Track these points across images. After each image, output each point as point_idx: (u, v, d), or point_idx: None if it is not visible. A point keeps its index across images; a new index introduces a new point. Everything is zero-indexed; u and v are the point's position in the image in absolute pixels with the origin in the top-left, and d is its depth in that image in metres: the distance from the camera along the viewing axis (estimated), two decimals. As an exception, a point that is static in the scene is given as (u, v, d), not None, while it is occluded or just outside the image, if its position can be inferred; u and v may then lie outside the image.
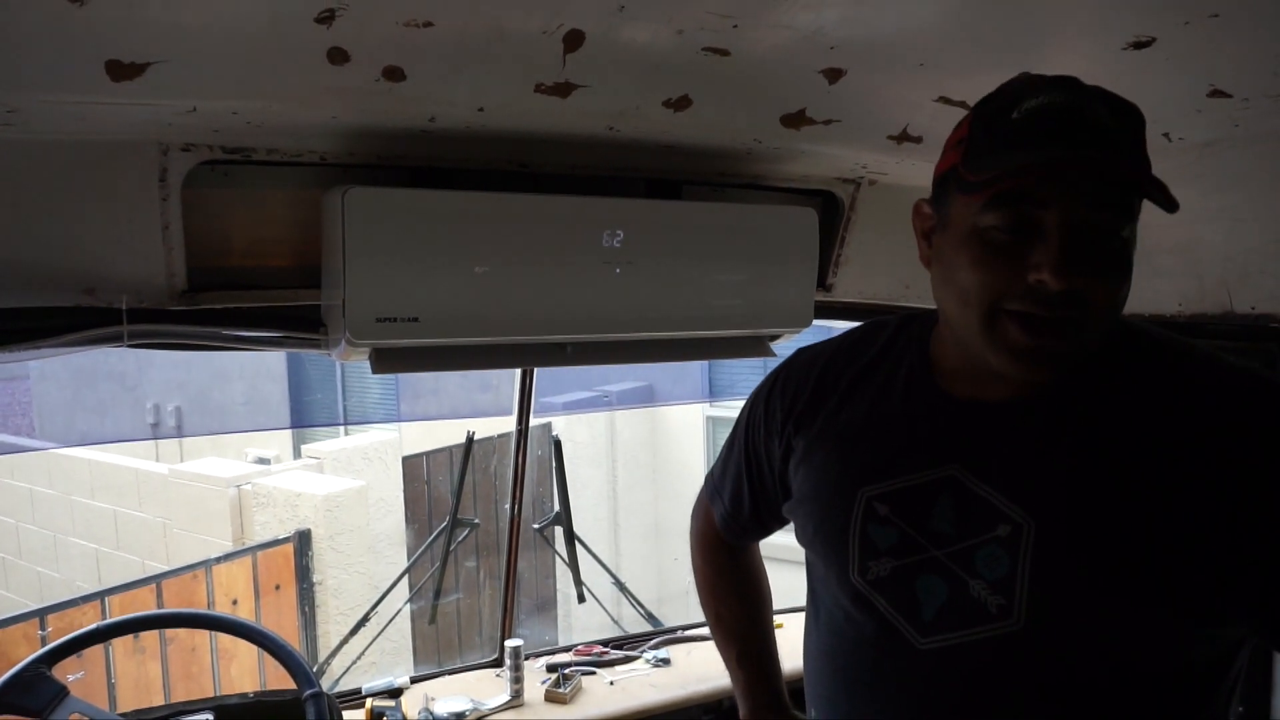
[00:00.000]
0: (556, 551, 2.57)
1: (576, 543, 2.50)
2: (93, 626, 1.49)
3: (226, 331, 1.44)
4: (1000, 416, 0.92)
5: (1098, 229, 0.81)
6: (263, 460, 6.60)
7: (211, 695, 2.26)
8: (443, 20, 0.96)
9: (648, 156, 1.50)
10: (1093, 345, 0.86)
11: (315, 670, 1.63)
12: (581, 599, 2.50)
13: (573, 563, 2.49)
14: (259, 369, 8.18)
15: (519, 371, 2.15)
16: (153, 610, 3.76)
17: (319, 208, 1.37)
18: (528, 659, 2.12)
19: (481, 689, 2.03)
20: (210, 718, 1.59)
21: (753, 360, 1.77)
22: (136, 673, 4.04)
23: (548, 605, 5.49)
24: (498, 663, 2.12)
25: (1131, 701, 0.86)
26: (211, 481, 5.35)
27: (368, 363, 1.44)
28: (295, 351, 1.60)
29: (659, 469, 7.16)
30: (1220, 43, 1.03)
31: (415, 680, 2.05)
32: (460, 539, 2.54)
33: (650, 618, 2.51)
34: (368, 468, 5.73)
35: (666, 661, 2.15)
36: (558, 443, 2.60)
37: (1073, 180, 0.79)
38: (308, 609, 4.79)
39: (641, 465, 7.07)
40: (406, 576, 2.73)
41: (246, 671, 4.29)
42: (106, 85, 1.00)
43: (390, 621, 2.58)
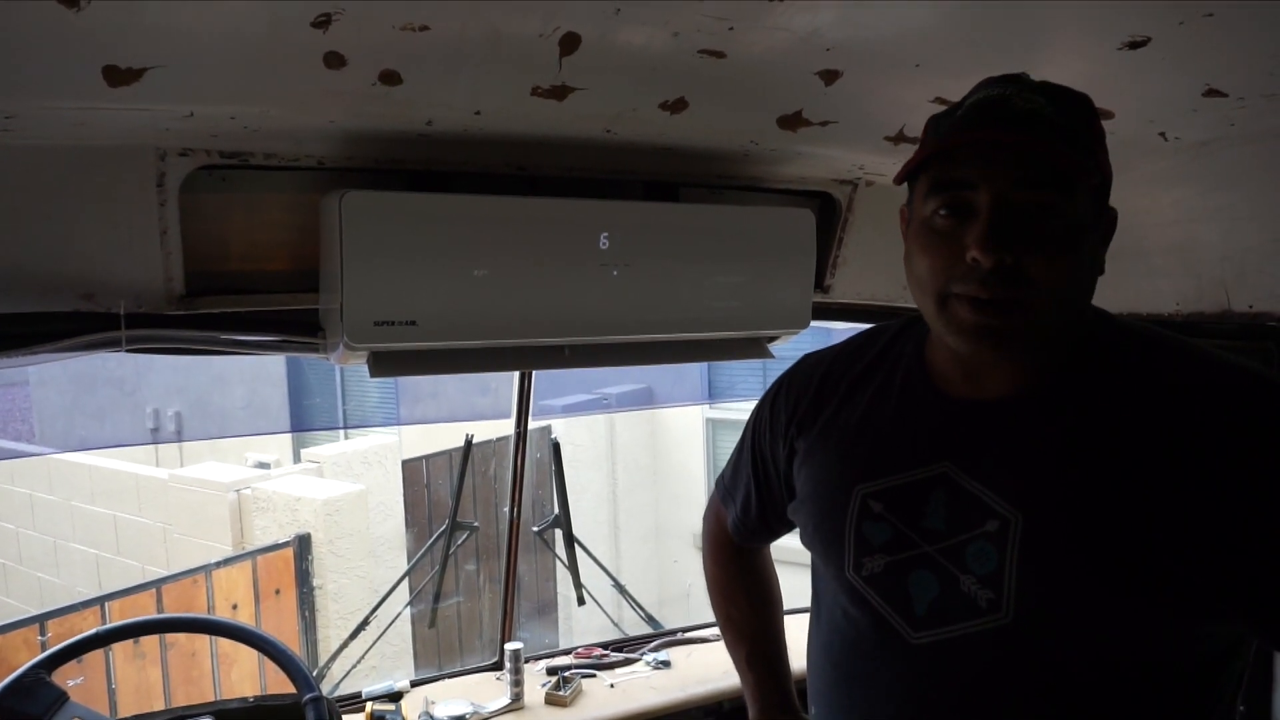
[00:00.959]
0: (556, 554, 2.56)
1: (576, 545, 2.50)
2: (93, 631, 1.48)
3: (225, 336, 1.44)
4: (993, 414, 0.93)
5: (1029, 207, 0.83)
6: (262, 465, 6.60)
7: (212, 700, 2.25)
8: (439, 24, 0.96)
9: (644, 159, 1.50)
10: (1049, 325, 0.87)
11: (315, 674, 1.63)
12: (581, 601, 2.49)
13: (572, 565, 2.49)
14: (258, 373, 8.18)
15: (517, 374, 2.15)
16: (153, 615, 3.75)
17: (317, 212, 1.37)
18: (528, 662, 2.12)
19: (482, 692, 2.03)
20: (210, 722, 1.59)
21: (752, 362, 1.77)
22: (137, 678, 4.03)
23: (548, 608, 5.49)
24: (498, 666, 2.12)
25: (1123, 696, 0.87)
26: (211, 486, 5.34)
27: (366, 366, 1.44)
28: (294, 355, 1.60)
29: (658, 471, 7.15)
30: (1216, 42, 1.03)
31: (415, 684, 2.05)
32: (460, 542, 2.54)
33: (650, 620, 2.51)
34: (367, 472, 5.73)
35: (667, 664, 2.15)
36: (557, 445, 2.60)
37: (1000, 160, 0.83)
38: (308, 613, 4.79)
39: (641, 467, 7.06)
40: (406, 580, 2.73)
41: (247, 676, 4.28)
42: (104, 90, 1.00)
43: (390, 625, 2.57)
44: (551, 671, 2.08)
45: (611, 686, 2.06)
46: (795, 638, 1.32)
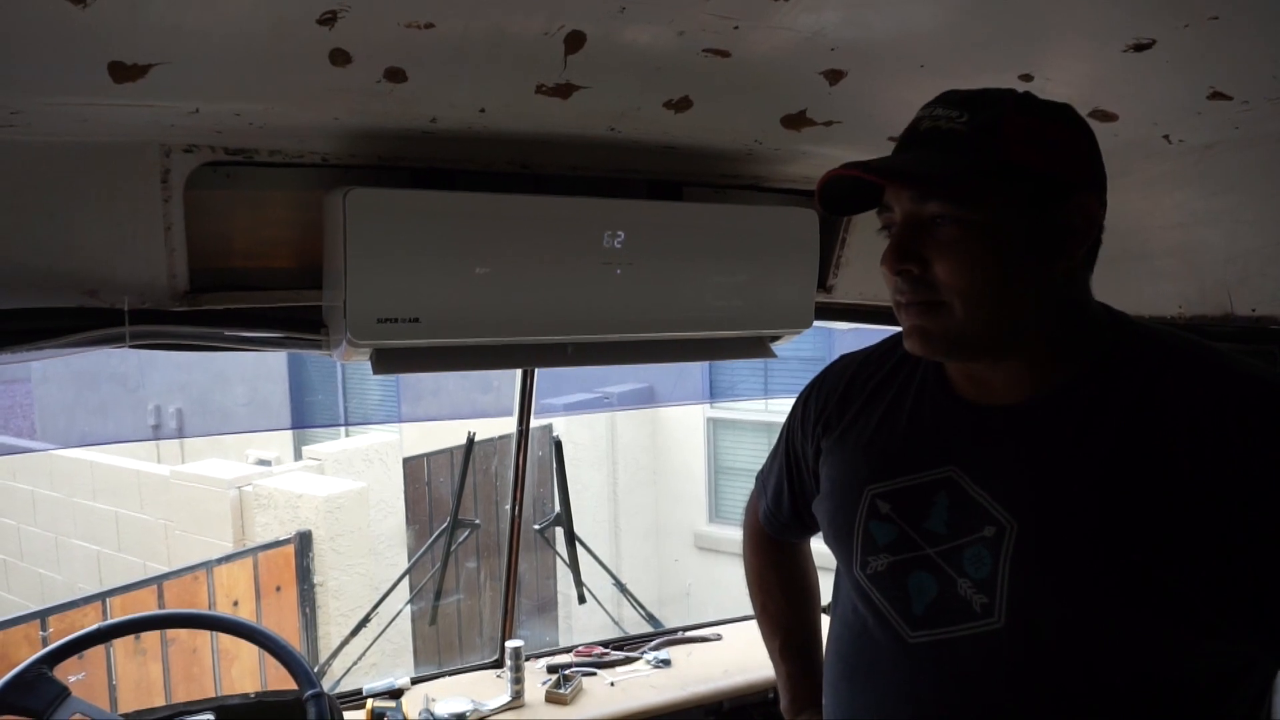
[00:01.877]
0: (557, 552, 2.56)
1: (577, 544, 2.50)
2: (94, 627, 1.49)
3: (228, 332, 1.44)
4: (1002, 420, 0.93)
5: (928, 220, 0.89)
6: (264, 462, 6.61)
7: (213, 696, 2.25)
8: (444, 21, 0.97)
9: (648, 157, 1.50)
10: (979, 324, 0.89)
11: (316, 671, 1.63)
12: (582, 600, 2.49)
13: (573, 564, 2.49)
14: (260, 370, 8.19)
15: (520, 372, 2.15)
16: (154, 611, 3.76)
17: (321, 209, 1.37)
18: (528, 660, 2.12)
19: (482, 690, 2.03)
20: (211, 718, 1.59)
21: (753, 362, 1.77)
22: (138, 674, 4.04)
23: (548, 606, 5.50)
24: (498, 663, 2.12)
25: (1117, 708, 0.86)
26: (212, 483, 5.35)
27: (369, 363, 1.44)
28: (296, 352, 1.60)
29: (660, 470, 7.15)
30: (1220, 45, 1.03)
31: (416, 681, 2.05)
32: (461, 540, 2.54)
33: (651, 619, 2.51)
34: (368, 469, 5.73)
35: (667, 663, 2.15)
36: (558, 444, 2.60)
37: (899, 183, 0.91)
38: (308, 610, 4.79)
39: (642, 466, 7.06)
40: (407, 577, 2.73)
41: (247, 672, 4.29)
42: (109, 87, 1.00)
43: (391, 622, 2.57)
44: (552, 669, 2.08)
45: (612, 685, 2.06)
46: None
